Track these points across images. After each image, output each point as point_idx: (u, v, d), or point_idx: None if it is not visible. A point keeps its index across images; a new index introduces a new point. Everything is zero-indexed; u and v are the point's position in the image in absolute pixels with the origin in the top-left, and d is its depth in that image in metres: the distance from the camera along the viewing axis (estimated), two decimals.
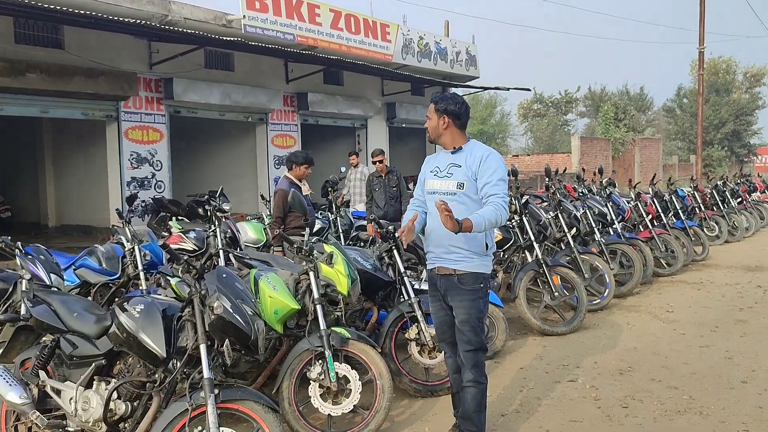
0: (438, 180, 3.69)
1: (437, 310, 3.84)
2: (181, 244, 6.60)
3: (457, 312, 3.67)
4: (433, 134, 3.75)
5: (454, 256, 3.62)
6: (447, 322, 3.78)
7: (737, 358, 5.39)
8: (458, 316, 3.67)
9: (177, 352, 3.23)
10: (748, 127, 43.51)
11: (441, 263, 3.68)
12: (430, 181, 3.74)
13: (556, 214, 7.46)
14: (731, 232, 12.55)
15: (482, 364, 3.70)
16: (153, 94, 12.99)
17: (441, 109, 3.68)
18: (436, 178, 3.71)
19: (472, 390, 3.64)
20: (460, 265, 3.62)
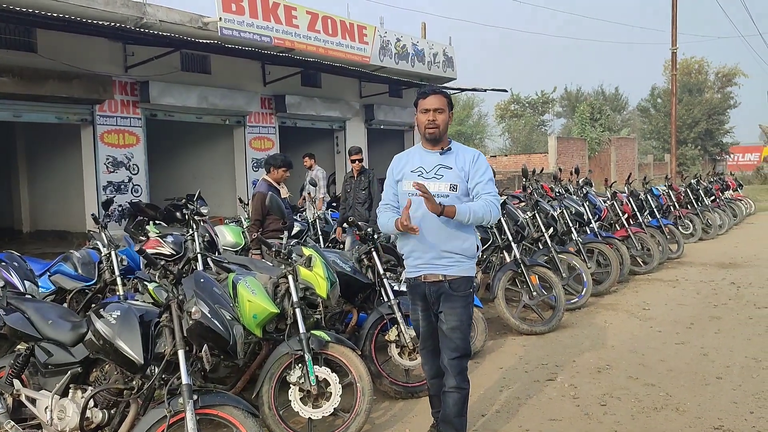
0: (424, 181, 3.42)
1: (422, 320, 3.69)
2: (158, 248, 6.53)
3: (448, 319, 3.53)
4: (443, 130, 3.50)
5: (445, 261, 3.51)
6: (430, 330, 3.68)
7: (712, 354, 5.47)
8: (448, 323, 3.54)
9: (155, 358, 3.20)
10: (721, 126, 44.19)
11: (430, 270, 3.53)
12: (411, 182, 3.46)
13: (534, 214, 7.52)
14: (705, 230, 12.76)
15: (466, 370, 3.62)
16: (129, 97, 12.84)
17: (449, 103, 3.55)
18: (421, 179, 3.45)
19: (455, 395, 3.57)
20: (451, 270, 3.51)
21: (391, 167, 3.68)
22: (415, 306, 3.73)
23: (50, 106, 11.71)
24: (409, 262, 3.63)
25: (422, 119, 3.50)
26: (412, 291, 3.69)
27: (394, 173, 3.63)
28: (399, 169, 3.61)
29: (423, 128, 3.51)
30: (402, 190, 3.55)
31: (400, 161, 3.65)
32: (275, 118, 16.11)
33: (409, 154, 3.67)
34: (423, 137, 3.58)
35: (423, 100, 3.51)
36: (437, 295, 3.55)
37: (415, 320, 3.78)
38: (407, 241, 3.60)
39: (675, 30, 23.58)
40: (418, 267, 3.58)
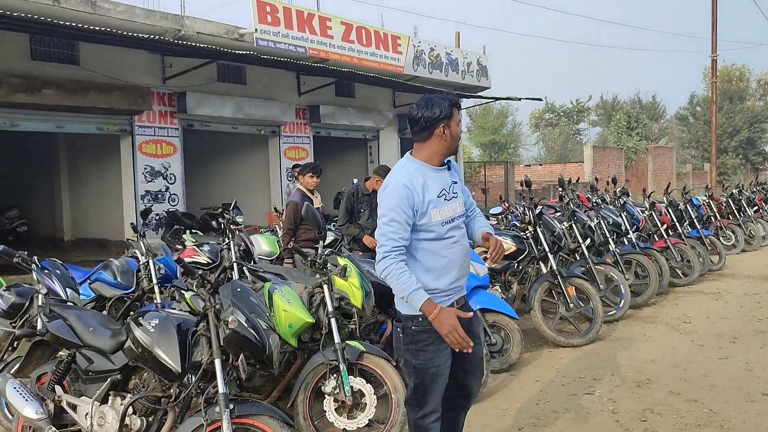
0: (448, 204, 3.06)
1: (445, 361, 3.08)
2: (195, 257, 6.61)
3: (477, 339, 3.17)
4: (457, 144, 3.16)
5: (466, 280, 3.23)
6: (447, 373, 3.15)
7: (757, 370, 5.31)
8: (479, 343, 3.21)
9: (192, 366, 3.22)
10: (763, 135, 43.15)
11: (462, 292, 3.18)
12: (443, 209, 3.04)
13: (571, 224, 7.41)
14: (748, 241, 12.41)
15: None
16: (166, 108, 13.09)
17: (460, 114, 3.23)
18: (446, 202, 3.05)
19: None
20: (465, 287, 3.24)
21: (402, 200, 2.94)
22: (442, 345, 3.00)
23: (91, 117, 12.02)
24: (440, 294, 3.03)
25: (459, 132, 3.10)
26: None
27: (416, 206, 2.96)
28: (421, 199, 2.97)
29: (456, 142, 3.11)
30: (432, 222, 2.99)
31: (416, 190, 2.97)
32: (309, 128, 16.25)
33: (419, 177, 3.01)
34: (449, 152, 3.11)
35: (459, 110, 3.11)
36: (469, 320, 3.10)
37: (437, 367, 3.04)
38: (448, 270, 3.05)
39: (715, 37, 23.15)
40: (449, 294, 3.08)
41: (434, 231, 3.01)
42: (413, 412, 3.14)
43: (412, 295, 2.89)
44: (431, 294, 2.97)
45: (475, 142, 44.48)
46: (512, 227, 8.24)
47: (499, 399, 4.83)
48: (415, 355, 3.04)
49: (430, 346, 3.02)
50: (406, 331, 3.06)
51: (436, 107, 3.05)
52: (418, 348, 3.03)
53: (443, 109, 3.04)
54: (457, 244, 3.09)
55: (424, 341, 3.02)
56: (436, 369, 3.05)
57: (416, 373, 3.07)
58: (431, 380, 3.06)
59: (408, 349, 3.07)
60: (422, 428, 3.12)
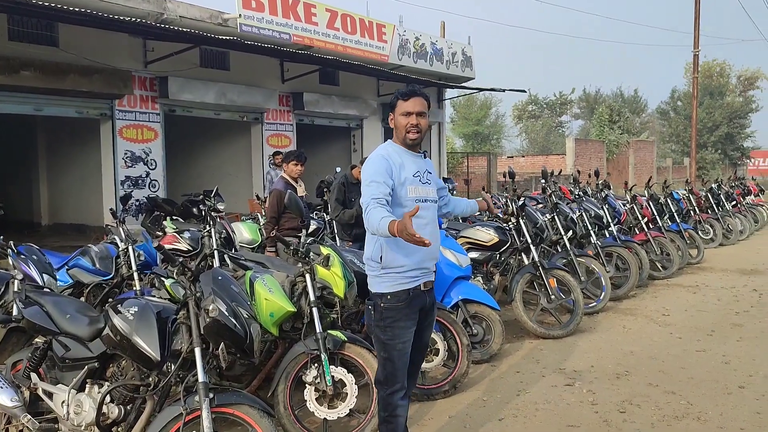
0: (423, 186, 3.30)
1: (410, 338, 3.29)
2: (175, 244, 6.55)
3: (431, 328, 3.53)
4: (424, 135, 3.32)
5: (434, 264, 3.40)
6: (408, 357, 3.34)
7: (734, 362, 5.37)
8: (431, 332, 3.55)
9: (171, 355, 3.18)
10: (742, 130, 43.67)
11: (428, 277, 3.33)
12: (417, 188, 3.27)
13: (553, 216, 7.44)
14: (726, 236, 12.57)
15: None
16: (148, 92, 12.91)
17: (428, 106, 3.37)
18: (421, 184, 3.29)
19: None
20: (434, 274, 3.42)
21: (381, 167, 3.16)
22: (408, 323, 3.26)
23: (70, 101, 11.82)
24: (413, 272, 3.23)
25: (403, 122, 3.24)
26: (410, 305, 3.24)
27: (392, 175, 3.17)
28: (398, 171, 3.20)
29: (403, 132, 3.25)
30: (408, 196, 3.21)
31: (394, 163, 3.21)
32: (293, 115, 16.13)
33: (396, 156, 3.25)
34: (402, 141, 3.30)
35: (404, 102, 3.24)
36: (432, 302, 3.41)
37: (403, 343, 3.25)
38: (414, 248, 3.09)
39: (697, 32, 23.31)
40: (421, 275, 3.27)
41: (407, 206, 3.17)
42: (383, 389, 3.34)
43: (381, 223, 2.95)
44: (398, 271, 3.20)
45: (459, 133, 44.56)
46: (495, 218, 8.25)
47: (479, 390, 4.85)
48: (384, 331, 3.25)
49: (397, 323, 3.23)
50: (376, 308, 3.26)
51: (391, 98, 3.37)
52: (386, 324, 3.23)
53: (392, 99, 3.33)
54: (427, 225, 3.25)
55: (392, 318, 3.23)
56: (402, 345, 3.26)
57: (384, 349, 3.28)
58: (398, 356, 3.26)
59: (378, 326, 3.27)
60: (391, 405, 3.31)
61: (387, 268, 3.22)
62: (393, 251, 3.20)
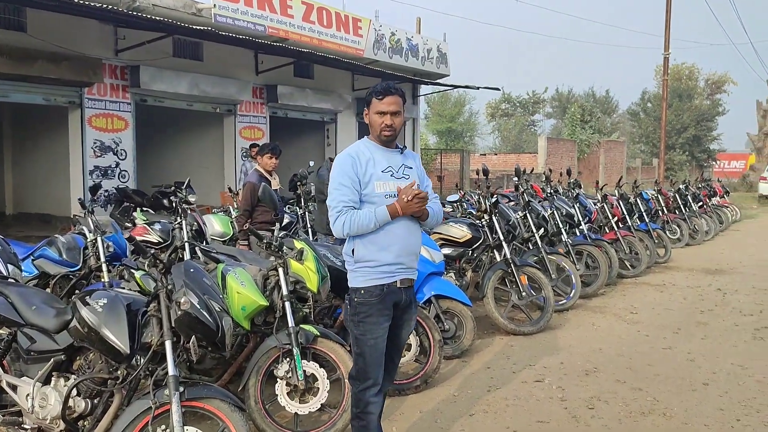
0: (396, 181, 3.24)
1: (381, 339, 3.24)
2: (145, 236, 6.46)
3: (409, 326, 3.43)
4: (398, 133, 3.29)
5: (415, 263, 3.34)
6: (383, 353, 3.29)
7: (699, 360, 5.48)
8: (409, 330, 3.46)
9: (141, 348, 3.14)
10: (709, 133, 44.47)
11: (406, 274, 3.27)
12: (388, 183, 3.21)
13: (525, 214, 7.50)
14: (692, 236, 12.82)
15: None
16: (118, 81, 12.68)
17: (404, 103, 3.35)
18: (392, 179, 3.23)
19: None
20: (416, 272, 3.38)
21: (347, 167, 3.18)
22: (381, 319, 3.21)
23: (38, 87, 11.55)
24: (389, 267, 3.20)
25: (377, 121, 3.22)
26: (383, 301, 3.19)
27: (358, 174, 3.17)
28: (363, 170, 3.18)
29: (378, 130, 3.23)
30: (375, 192, 3.18)
31: (360, 161, 3.20)
32: (266, 108, 16.00)
33: (366, 152, 3.24)
34: (376, 138, 3.28)
35: (379, 101, 3.23)
36: (410, 299, 3.35)
37: (375, 339, 3.22)
38: (388, 243, 3.17)
39: (668, 35, 23.68)
40: (397, 271, 3.23)
41: (376, 203, 3.17)
42: (355, 385, 3.32)
43: (377, 216, 3.11)
44: (372, 266, 3.19)
45: (432, 130, 44.66)
46: (468, 215, 8.30)
47: (450, 385, 4.87)
48: (357, 326, 3.23)
49: (369, 318, 3.20)
50: (351, 303, 3.26)
51: (366, 94, 3.35)
52: (359, 319, 3.21)
53: (367, 96, 3.32)
54: (401, 221, 3.21)
55: (365, 313, 3.20)
56: (374, 341, 3.22)
57: (357, 344, 3.26)
58: (370, 352, 3.23)
59: (351, 320, 3.26)
60: (363, 401, 3.29)
61: (360, 262, 3.21)
62: (365, 246, 3.18)
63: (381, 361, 3.27)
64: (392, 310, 3.26)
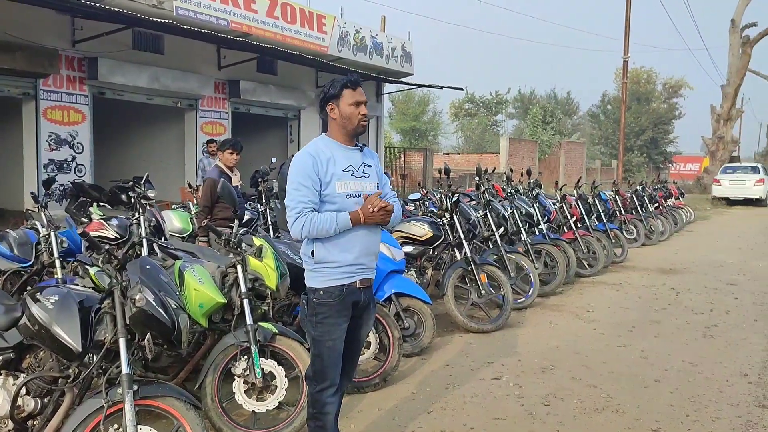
0: (356, 180, 3.17)
1: (342, 335, 3.19)
2: (101, 231, 6.33)
3: (368, 325, 3.41)
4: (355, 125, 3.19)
5: (374, 262, 3.30)
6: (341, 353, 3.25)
7: (651, 357, 5.61)
8: (367, 330, 3.43)
9: (94, 346, 3.07)
10: (665, 136, 45.65)
11: (365, 274, 3.23)
12: (348, 182, 3.14)
13: (486, 213, 7.57)
14: (648, 236, 13.11)
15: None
16: (75, 73, 12.40)
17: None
18: (353, 178, 3.16)
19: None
20: (375, 272, 3.34)
21: (307, 167, 3.08)
22: (340, 320, 3.16)
23: None
24: (349, 268, 3.16)
25: (353, 112, 3.13)
26: (343, 301, 3.14)
27: (319, 174, 3.08)
28: (324, 169, 3.09)
29: (356, 122, 3.15)
30: (336, 192, 3.10)
31: (321, 160, 3.10)
32: (228, 103, 15.84)
33: (326, 150, 3.14)
34: (349, 131, 3.19)
35: (353, 90, 3.15)
36: (368, 299, 3.30)
37: (333, 340, 3.17)
38: (349, 244, 3.13)
39: (627, 39, 24.17)
40: (357, 271, 3.19)
41: (337, 203, 3.11)
42: (312, 385, 3.28)
43: (338, 223, 3.05)
44: (333, 266, 3.13)
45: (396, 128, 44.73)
46: (429, 213, 8.34)
47: (409, 383, 4.89)
48: (315, 327, 3.17)
49: (328, 319, 3.15)
50: (309, 303, 3.19)
51: (327, 87, 3.21)
52: (317, 320, 3.15)
53: (333, 88, 3.18)
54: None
55: (323, 314, 3.15)
56: (332, 342, 3.17)
57: (315, 344, 3.21)
58: (328, 353, 3.18)
59: (309, 321, 3.20)
60: (320, 402, 3.25)
61: (320, 263, 3.14)
62: (326, 247, 3.12)
63: (339, 362, 3.23)
64: (351, 311, 3.22)
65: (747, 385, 4.92)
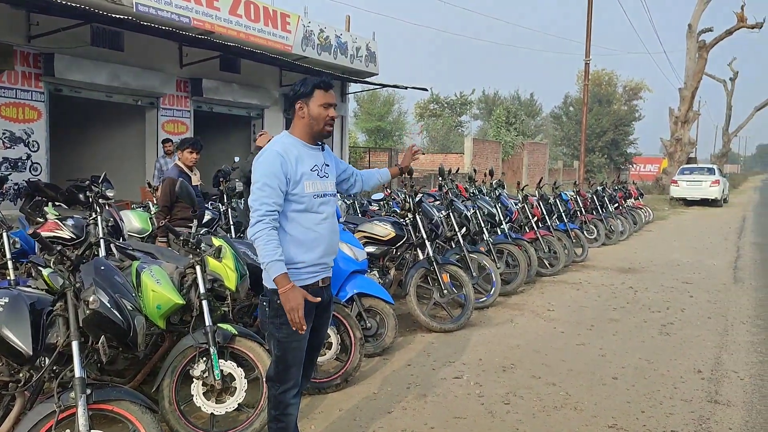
0: (321, 180, 3.16)
1: (306, 336, 3.17)
2: (57, 231, 6.18)
3: (327, 324, 3.41)
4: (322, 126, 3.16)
5: (333, 260, 3.31)
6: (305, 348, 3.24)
7: (609, 355, 5.71)
8: (326, 328, 3.42)
9: (46, 349, 3.00)
10: (626, 137, 46.53)
11: (328, 272, 3.25)
12: (315, 182, 3.13)
13: (448, 213, 7.61)
14: (608, 236, 13.35)
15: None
16: (31, 69, 12.09)
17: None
18: (318, 178, 3.14)
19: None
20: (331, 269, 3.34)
21: (276, 166, 3.01)
22: (306, 320, 3.04)
23: None
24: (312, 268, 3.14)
25: (323, 113, 3.11)
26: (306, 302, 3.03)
27: (288, 174, 3.03)
28: (294, 168, 3.05)
29: (321, 123, 3.12)
30: (305, 192, 3.08)
31: (290, 159, 3.06)
32: (191, 101, 15.63)
33: (294, 149, 3.11)
34: (311, 132, 3.16)
35: (324, 92, 3.13)
36: (329, 298, 3.31)
37: (299, 341, 3.13)
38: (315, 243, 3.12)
39: (589, 42, 24.56)
40: (319, 270, 3.18)
41: (305, 203, 3.09)
42: (274, 387, 3.22)
43: (272, 264, 2.93)
44: (299, 267, 3.08)
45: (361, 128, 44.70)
46: (392, 213, 8.35)
47: (370, 383, 4.89)
48: (279, 329, 3.11)
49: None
50: (272, 305, 3.11)
51: (298, 86, 3.17)
52: (282, 322, 3.07)
53: (303, 87, 3.15)
54: (326, 220, 3.17)
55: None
56: (298, 344, 3.14)
57: (279, 347, 3.15)
58: (292, 354, 3.15)
59: (272, 323, 3.13)
60: (283, 403, 3.21)
61: (287, 263, 3.06)
62: (291, 248, 3.06)
63: (302, 363, 3.22)
64: (314, 310, 3.19)
65: (700, 381, 5.04)
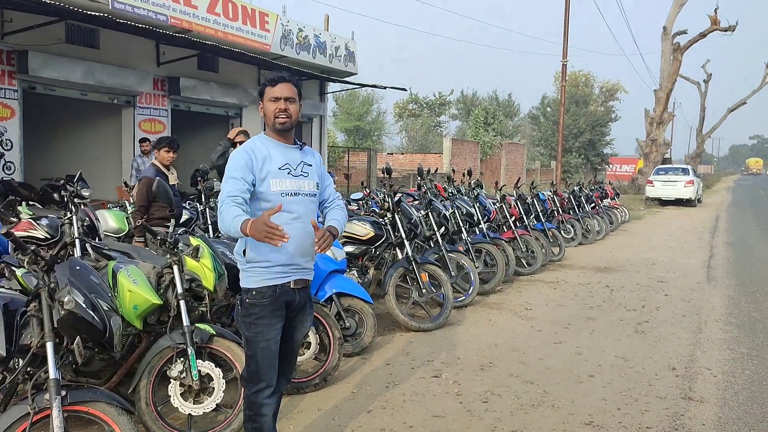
0: (294, 179, 3.17)
1: (276, 335, 3.19)
2: (31, 231, 6.09)
3: (305, 326, 3.39)
4: (294, 121, 3.20)
5: (310, 263, 3.30)
6: (276, 354, 3.24)
7: (586, 353, 5.78)
8: (304, 330, 3.40)
9: (20, 350, 2.96)
10: (602, 138, 47.00)
11: (301, 274, 3.23)
12: (284, 181, 3.14)
13: (427, 212, 7.65)
14: (585, 235, 13.50)
15: None
16: (4, 66, 11.88)
17: (299, 93, 3.23)
18: (290, 176, 3.16)
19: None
20: (312, 273, 3.34)
21: (241, 163, 3.07)
22: (273, 320, 3.15)
23: None
24: (281, 268, 3.15)
25: (271, 108, 3.15)
26: (276, 302, 3.13)
27: (254, 171, 3.08)
28: (260, 165, 3.10)
29: (272, 117, 3.15)
30: (271, 191, 3.10)
31: (256, 157, 3.11)
32: (168, 100, 15.46)
33: (263, 148, 3.16)
34: (271, 128, 3.21)
35: (271, 88, 3.16)
36: (304, 300, 3.29)
37: (267, 341, 3.16)
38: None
39: (566, 43, 24.78)
40: (291, 271, 3.18)
41: (271, 201, 3.09)
42: (247, 387, 3.25)
43: (233, 222, 2.87)
44: (265, 266, 3.12)
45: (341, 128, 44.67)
46: (372, 213, 8.35)
47: (349, 382, 4.90)
48: (248, 327, 3.16)
49: (261, 320, 3.14)
50: (243, 304, 3.17)
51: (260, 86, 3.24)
52: (251, 321, 3.14)
53: (260, 89, 3.24)
54: (297, 220, 3.15)
55: (256, 314, 3.14)
56: (266, 343, 3.16)
57: (248, 345, 3.19)
58: (262, 354, 3.16)
59: (243, 322, 3.18)
60: (256, 404, 3.22)
61: (252, 262, 3.12)
62: (257, 246, 3.05)
63: (274, 362, 3.21)
64: (285, 311, 3.20)
65: (674, 379, 5.12)
